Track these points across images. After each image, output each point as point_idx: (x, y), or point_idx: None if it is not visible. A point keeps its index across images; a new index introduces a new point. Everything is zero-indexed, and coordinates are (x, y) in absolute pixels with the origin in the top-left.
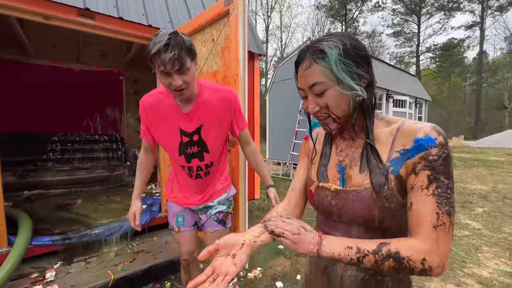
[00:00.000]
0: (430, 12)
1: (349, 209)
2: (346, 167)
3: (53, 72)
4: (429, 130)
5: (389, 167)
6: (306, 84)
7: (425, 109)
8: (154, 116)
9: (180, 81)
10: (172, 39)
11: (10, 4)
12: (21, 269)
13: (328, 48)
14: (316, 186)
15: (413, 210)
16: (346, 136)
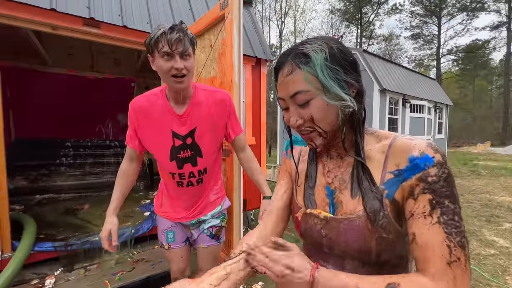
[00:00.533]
0: (451, 13)
1: (342, 241)
2: (336, 191)
3: (69, 80)
4: (424, 147)
5: (383, 190)
6: (287, 93)
7: (446, 114)
8: (145, 118)
9: (182, 64)
10: (177, 26)
11: (18, 15)
12: (22, 274)
13: (313, 52)
14: (303, 213)
15: (417, 243)
16: (334, 154)
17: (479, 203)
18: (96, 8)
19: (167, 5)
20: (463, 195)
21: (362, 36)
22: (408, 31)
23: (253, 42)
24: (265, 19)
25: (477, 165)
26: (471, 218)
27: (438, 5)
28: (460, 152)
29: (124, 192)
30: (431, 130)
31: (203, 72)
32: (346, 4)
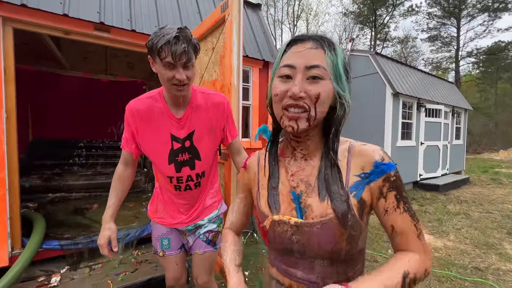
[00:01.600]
0: (471, 14)
1: (315, 244)
2: (302, 194)
3: (84, 83)
4: (383, 153)
5: (350, 192)
6: (304, 62)
7: (465, 119)
8: (143, 121)
9: (184, 75)
10: (182, 33)
11: (34, 21)
12: (30, 271)
13: (337, 46)
14: (271, 220)
15: (397, 232)
16: (298, 155)
17: (500, 214)
18: (107, 13)
19: (175, 8)
20: (483, 205)
21: (377, 39)
22: (425, 33)
23: (261, 45)
24: (277, 22)
25: (499, 173)
26: (491, 229)
27: (457, 6)
28: (481, 158)
29: (120, 197)
30: (448, 135)
31: (205, 74)
32: (360, 6)
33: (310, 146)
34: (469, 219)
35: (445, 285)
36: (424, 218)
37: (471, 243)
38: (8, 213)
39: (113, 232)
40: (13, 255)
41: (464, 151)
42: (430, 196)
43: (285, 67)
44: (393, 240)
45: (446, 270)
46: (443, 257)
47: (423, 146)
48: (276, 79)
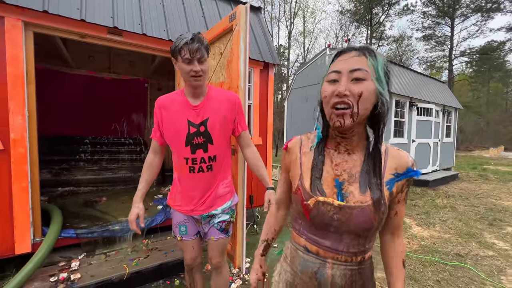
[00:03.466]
0: (465, 14)
1: (353, 224)
2: (344, 182)
3: (88, 81)
4: (412, 161)
5: (385, 185)
6: (348, 67)
7: (455, 118)
8: (166, 112)
9: (199, 68)
10: (196, 36)
11: (54, 25)
12: (51, 257)
13: (378, 54)
14: (315, 200)
15: (398, 217)
16: (342, 149)
17: (484, 207)
18: (119, 18)
19: (182, 13)
20: (468, 199)
21: (372, 37)
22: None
23: (262, 47)
24: (274, 20)
25: (487, 169)
26: (474, 221)
27: (451, 5)
28: (471, 156)
29: (148, 181)
30: (439, 133)
31: (213, 77)
32: (356, 4)
33: (353, 142)
34: (455, 212)
35: (428, 269)
36: (413, 211)
37: (454, 233)
38: (30, 204)
39: (141, 210)
40: (35, 242)
41: (454, 149)
42: (420, 191)
43: (332, 73)
44: (392, 220)
45: (430, 256)
46: (428, 245)
47: (415, 143)
48: (325, 84)
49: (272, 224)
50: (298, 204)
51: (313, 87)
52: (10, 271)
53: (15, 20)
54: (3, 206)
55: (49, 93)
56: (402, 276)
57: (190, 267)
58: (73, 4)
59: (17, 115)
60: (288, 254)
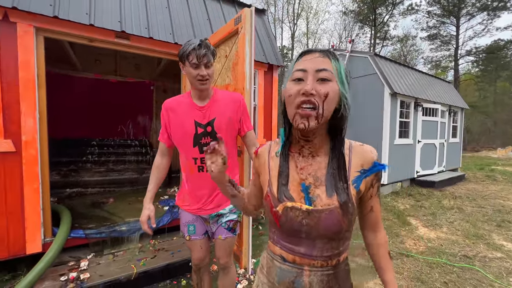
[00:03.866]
0: (470, 12)
1: (322, 228)
2: (310, 186)
3: (95, 84)
4: (376, 154)
5: (351, 184)
6: (314, 66)
7: (461, 118)
8: (174, 114)
9: (206, 72)
10: (203, 42)
11: (64, 30)
12: (61, 257)
13: (340, 57)
14: (284, 206)
15: (374, 212)
16: (306, 152)
17: (492, 208)
18: (127, 22)
19: (187, 17)
20: (476, 200)
21: (376, 37)
22: (424, 31)
23: (266, 49)
24: (277, 21)
25: (495, 170)
26: (481, 222)
27: (456, 4)
28: (478, 156)
29: (157, 183)
30: (445, 133)
31: (218, 79)
32: (359, 5)
33: (317, 144)
34: (462, 213)
35: (435, 270)
36: (420, 212)
37: (462, 234)
38: (41, 204)
39: (151, 211)
40: (45, 242)
41: (460, 149)
42: (426, 192)
43: (298, 71)
44: (368, 216)
45: (437, 258)
46: (435, 246)
47: (420, 144)
48: (289, 83)
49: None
50: (269, 211)
51: None
52: (21, 271)
53: (27, 26)
54: (15, 207)
55: (57, 96)
56: (391, 267)
57: (198, 267)
58: (82, 9)
59: (28, 118)
60: (265, 265)
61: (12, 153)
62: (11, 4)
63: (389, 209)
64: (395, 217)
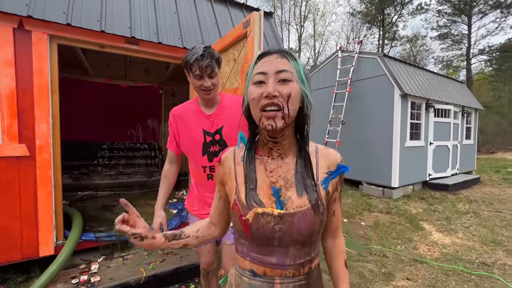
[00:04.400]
0: (483, 11)
1: (295, 231)
2: (281, 189)
3: (106, 88)
4: (341, 157)
5: (320, 185)
6: (274, 68)
7: (475, 119)
8: (182, 122)
9: (210, 82)
10: (206, 51)
11: (76, 37)
12: (72, 259)
13: (297, 57)
14: (255, 213)
15: (336, 216)
16: (275, 154)
17: (510, 213)
18: (136, 28)
19: (195, 21)
20: (492, 204)
21: (385, 38)
22: (434, 31)
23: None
24: (284, 24)
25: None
26: (499, 228)
27: (468, 3)
28: (494, 158)
29: (168, 191)
30: (458, 135)
31: (227, 83)
32: (367, 6)
33: (285, 145)
34: (478, 218)
35: (451, 278)
36: (433, 217)
37: (479, 240)
38: (54, 207)
39: (163, 218)
40: (57, 245)
41: (475, 151)
42: (439, 196)
43: (258, 74)
44: (331, 220)
45: (453, 265)
46: (450, 252)
47: (432, 146)
48: (251, 86)
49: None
50: (237, 221)
51: (325, 90)
52: (34, 273)
53: (41, 33)
54: (29, 210)
55: (69, 101)
56: (347, 278)
57: (206, 271)
58: (93, 16)
59: (42, 123)
60: (233, 282)
61: (27, 157)
62: (26, 13)
63: (401, 213)
64: (407, 222)
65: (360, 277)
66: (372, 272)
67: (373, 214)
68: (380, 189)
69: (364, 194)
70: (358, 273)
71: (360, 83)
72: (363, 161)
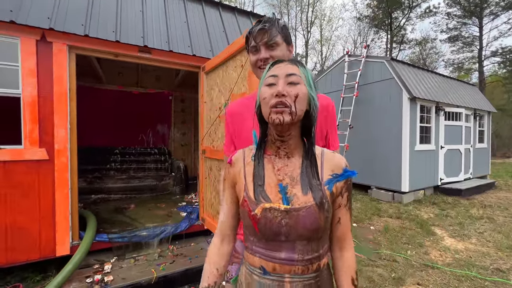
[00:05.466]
0: (494, 12)
1: (300, 226)
2: (287, 186)
3: (118, 95)
4: (346, 162)
5: (324, 185)
6: (284, 72)
7: (488, 122)
8: (239, 122)
9: (267, 54)
10: (267, 18)
11: (93, 47)
12: (86, 259)
13: (306, 66)
14: (263, 208)
15: (341, 224)
16: (282, 153)
17: None
18: (149, 37)
19: (204, 30)
20: (508, 209)
21: (393, 42)
22: (444, 33)
23: None
24: (291, 29)
25: None
26: None
27: (478, 4)
28: (510, 163)
29: None
30: (470, 139)
31: (235, 88)
32: (374, 10)
33: (292, 145)
34: (493, 223)
35: (464, 284)
36: (445, 222)
37: (493, 246)
38: (70, 209)
39: None
40: (73, 245)
41: (488, 155)
42: (452, 201)
43: (270, 77)
44: (336, 228)
45: (466, 270)
46: (463, 258)
47: (443, 150)
48: (263, 87)
49: (214, 263)
50: (246, 217)
51: (333, 94)
52: (51, 272)
53: (61, 44)
54: (47, 212)
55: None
56: None
57: None
58: (109, 27)
59: (60, 128)
60: (243, 281)
61: (46, 161)
62: (48, 25)
63: (412, 218)
64: (418, 227)
65: (369, 282)
66: (382, 277)
67: (382, 219)
68: (390, 194)
69: (374, 198)
70: (367, 278)
71: (368, 87)
72: (372, 165)
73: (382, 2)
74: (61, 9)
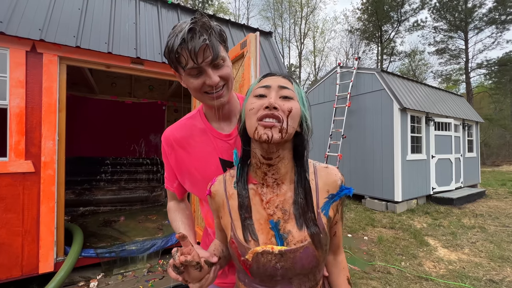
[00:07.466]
0: (478, 26)
1: (298, 267)
2: (280, 221)
3: (111, 105)
4: (341, 177)
5: (321, 212)
6: (278, 83)
7: (477, 132)
8: (183, 151)
9: (216, 76)
10: (197, 23)
11: (85, 59)
12: (71, 276)
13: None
14: (253, 253)
15: (337, 236)
16: (270, 180)
17: None
18: (141, 49)
19: None
20: (499, 218)
21: (383, 53)
22: (432, 46)
23: (273, 69)
24: (285, 41)
25: None
26: (507, 243)
27: (463, 19)
28: (499, 171)
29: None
30: (460, 148)
31: None
32: (365, 23)
33: (281, 169)
34: (485, 233)
35: None
36: (438, 232)
37: (486, 256)
38: (56, 223)
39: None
40: (57, 261)
41: (478, 164)
42: (444, 210)
43: (261, 88)
44: (332, 242)
45: (460, 282)
46: (456, 269)
47: (434, 159)
48: (251, 98)
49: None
50: (236, 260)
51: (325, 104)
52: None
53: (52, 55)
54: (31, 226)
55: (75, 118)
56: None
57: None
58: (101, 39)
59: (48, 140)
60: None
61: (32, 174)
62: (39, 36)
63: (405, 228)
64: (412, 237)
65: None
66: None
67: (376, 229)
68: (383, 204)
69: (367, 208)
70: None
71: (360, 98)
72: (365, 175)
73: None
74: (53, 20)
